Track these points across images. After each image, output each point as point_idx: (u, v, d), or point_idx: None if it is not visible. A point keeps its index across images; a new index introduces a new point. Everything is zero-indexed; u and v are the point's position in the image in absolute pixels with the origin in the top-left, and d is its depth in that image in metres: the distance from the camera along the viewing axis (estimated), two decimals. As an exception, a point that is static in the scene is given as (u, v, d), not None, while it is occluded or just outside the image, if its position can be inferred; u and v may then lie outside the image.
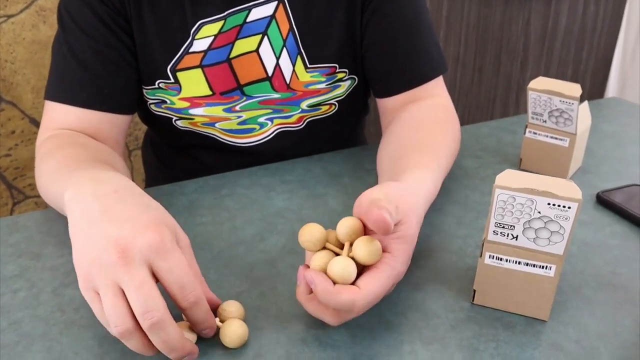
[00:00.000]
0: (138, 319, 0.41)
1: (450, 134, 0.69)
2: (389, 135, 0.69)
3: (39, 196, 1.37)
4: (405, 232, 0.47)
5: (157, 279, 0.43)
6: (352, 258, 0.45)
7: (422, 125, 0.69)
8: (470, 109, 2.02)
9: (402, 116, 0.72)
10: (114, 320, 0.41)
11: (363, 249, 0.45)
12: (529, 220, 0.45)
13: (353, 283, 0.44)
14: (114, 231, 0.42)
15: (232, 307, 0.47)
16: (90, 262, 0.43)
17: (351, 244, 0.46)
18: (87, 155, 0.60)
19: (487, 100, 2.04)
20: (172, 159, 0.88)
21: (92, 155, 0.61)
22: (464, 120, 2.00)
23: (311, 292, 0.46)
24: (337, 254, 0.46)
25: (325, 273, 0.44)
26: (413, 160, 0.59)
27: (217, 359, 0.45)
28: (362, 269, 0.46)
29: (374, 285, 0.44)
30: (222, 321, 0.46)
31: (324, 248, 0.47)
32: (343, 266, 0.44)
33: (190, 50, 0.70)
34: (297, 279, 0.46)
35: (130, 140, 1.44)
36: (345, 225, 0.46)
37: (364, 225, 0.46)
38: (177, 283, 0.42)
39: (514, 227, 0.46)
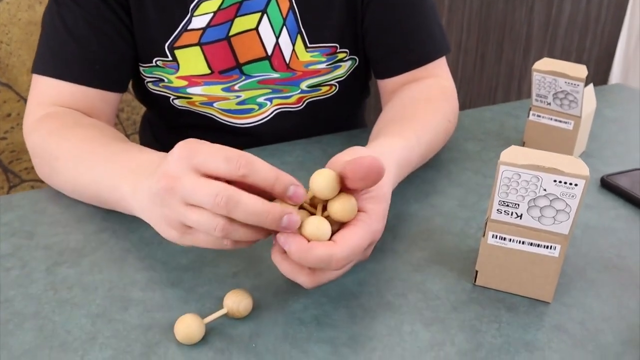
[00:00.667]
0: (216, 211, 0.41)
1: (440, 111, 0.68)
2: (382, 113, 0.69)
3: (35, 179, 1.36)
4: (377, 192, 0.46)
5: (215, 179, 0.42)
6: (327, 218, 0.44)
7: (413, 101, 0.68)
8: (472, 97, 2.01)
9: (398, 95, 0.71)
10: (208, 228, 0.41)
11: (338, 205, 0.43)
12: (534, 198, 0.44)
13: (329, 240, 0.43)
14: (155, 175, 0.45)
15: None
16: (159, 208, 0.45)
17: (325, 205, 0.45)
18: (106, 137, 0.60)
19: (489, 88, 2.02)
20: (170, 141, 0.86)
21: (106, 135, 0.60)
22: (465, 108, 1.99)
23: (285, 252, 0.44)
24: (312, 214, 0.45)
25: (300, 234, 0.43)
26: (389, 131, 0.59)
27: (214, 337, 0.44)
28: (336, 230, 0.45)
29: (351, 239, 0.43)
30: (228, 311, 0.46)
31: (301, 207, 0.45)
32: (317, 225, 0.43)
33: (189, 27, 0.68)
34: (273, 239, 0.45)
35: (129, 124, 1.42)
36: (322, 178, 0.43)
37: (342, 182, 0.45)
38: (220, 160, 0.42)
39: (518, 205, 0.45)
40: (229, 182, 0.42)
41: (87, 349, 0.43)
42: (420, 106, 0.67)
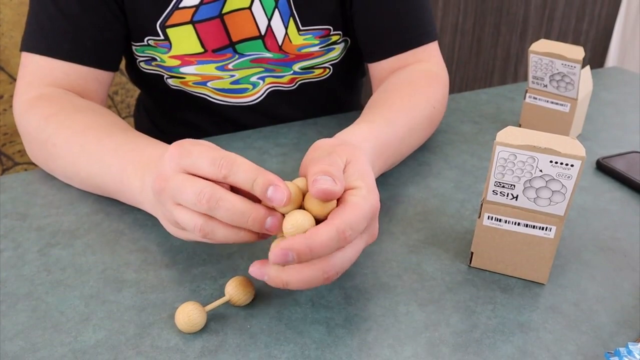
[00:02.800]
0: (197, 209, 0.41)
1: (421, 95, 0.65)
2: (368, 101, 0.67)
3: (29, 162, 1.35)
4: (356, 168, 0.44)
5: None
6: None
7: (393, 86, 0.67)
8: (467, 81, 2.00)
9: (385, 82, 0.69)
10: (190, 227, 0.42)
11: (314, 201, 0.41)
12: (530, 179, 0.44)
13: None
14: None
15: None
16: (160, 206, 0.46)
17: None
18: (110, 125, 0.59)
19: (485, 72, 2.01)
20: (165, 123, 0.86)
21: (109, 122, 0.60)
22: (461, 91, 1.98)
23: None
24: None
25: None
26: (359, 120, 0.58)
27: (209, 318, 0.44)
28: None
29: (347, 211, 0.40)
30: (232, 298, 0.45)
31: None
32: (295, 218, 0.40)
33: (181, 5, 0.67)
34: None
35: (123, 107, 1.41)
36: (295, 188, 0.42)
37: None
38: (205, 161, 0.41)
39: (514, 186, 0.45)
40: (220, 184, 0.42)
41: (81, 329, 0.43)
42: (399, 90, 0.65)
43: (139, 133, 0.58)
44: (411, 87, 0.66)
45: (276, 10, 0.69)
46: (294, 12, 0.70)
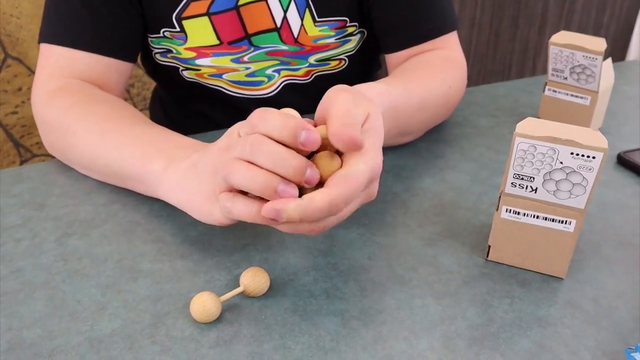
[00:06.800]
0: (243, 155, 0.40)
1: (438, 74, 0.66)
2: None
3: (46, 154, 1.36)
4: (371, 125, 0.43)
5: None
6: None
7: (410, 65, 0.67)
8: (485, 75, 1.98)
9: (402, 65, 0.69)
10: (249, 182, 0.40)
11: (325, 167, 0.41)
12: (550, 172, 0.43)
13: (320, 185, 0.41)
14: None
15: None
16: (197, 180, 0.46)
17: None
18: (131, 117, 0.59)
19: (503, 66, 1.99)
20: (179, 116, 0.86)
21: (130, 114, 0.60)
22: (478, 85, 1.96)
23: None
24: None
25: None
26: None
27: (224, 309, 0.44)
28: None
29: (347, 180, 0.40)
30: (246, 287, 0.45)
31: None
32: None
33: (197, -3, 0.67)
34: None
35: (139, 100, 1.42)
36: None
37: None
38: (246, 122, 0.42)
39: (533, 178, 0.44)
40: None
41: (97, 318, 0.43)
42: (417, 69, 0.65)
43: (160, 126, 0.58)
44: (429, 67, 0.66)
45: (292, 2, 0.69)
46: (310, 3, 0.69)
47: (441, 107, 0.66)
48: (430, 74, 0.65)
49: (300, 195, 0.40)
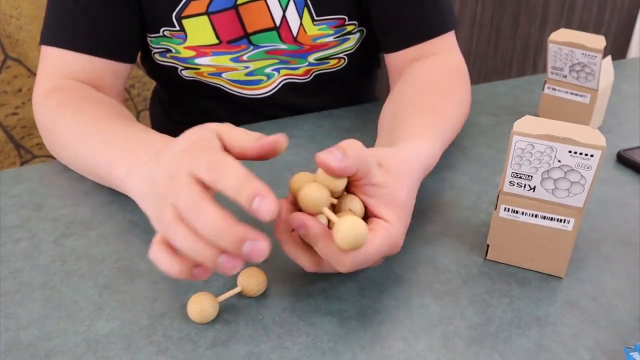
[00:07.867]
0: (184, 216, 0.38)
1: (458, 99, 0.64)
2: (393, 94, 0.65)
3: (47, 155, 1.36)
4: (391, 196, 0.43)
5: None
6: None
7: (426, 85, 0.64)
8: (485, 73, 1.97)
9: (408, 74, 0.68)
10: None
11: (344, 231, 0.38)
12: (548, 170, 0.43)
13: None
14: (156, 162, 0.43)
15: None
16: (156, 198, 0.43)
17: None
18: (113, 115, 0.58)
19: (504, 64, 1.98)
20: (179, 114, 0.86)
21: (114, 113, 0.59)
22: (479, 83, 1.96)
23: (292, 230, 0.43)
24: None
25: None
26: (412, 126, 0.55)
27: (221, 308, 0.44)
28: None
29: (367, 249, 0.40)
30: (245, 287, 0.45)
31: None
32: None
33: (196, -4, 0.67)
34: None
35: (139, 100, 1.42)
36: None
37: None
38: (203, 165, 0.38)
39: (531, 177, 0.44)
40: None
41: (94, 319, 0.43)
42: (436, 92, 0.63)
43: (138, 124, 0.57)
44: (446, 91, 0.64)
45: (291, 1, 0.69)
46: (309, 2, 0.69)
47: (458, 130, 0.64)
48: (452, 101, 0.62)
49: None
